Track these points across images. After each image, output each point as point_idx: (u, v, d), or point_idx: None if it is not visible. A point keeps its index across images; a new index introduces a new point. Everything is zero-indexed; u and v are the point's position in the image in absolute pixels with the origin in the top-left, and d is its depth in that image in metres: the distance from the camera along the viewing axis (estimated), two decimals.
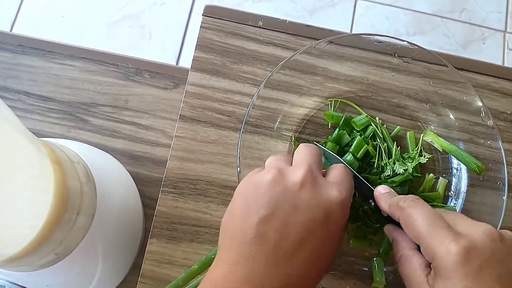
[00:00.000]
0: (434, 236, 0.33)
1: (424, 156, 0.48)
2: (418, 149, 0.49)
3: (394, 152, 0.48)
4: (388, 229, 0.40)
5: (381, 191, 0.40)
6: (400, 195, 0.38)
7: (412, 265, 0.35)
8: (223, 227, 0.36)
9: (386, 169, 0.47)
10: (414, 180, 0.48)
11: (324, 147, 0.47)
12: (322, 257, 0.34)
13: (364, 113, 0.51)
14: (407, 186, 0.47)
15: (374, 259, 0.46)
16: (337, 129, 0.50)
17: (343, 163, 0.43)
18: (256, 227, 0.33)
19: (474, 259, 0.31)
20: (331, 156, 0.46)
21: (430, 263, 0.34)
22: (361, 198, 0.45)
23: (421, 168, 0.49)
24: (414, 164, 0.47)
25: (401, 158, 0.48)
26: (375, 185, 0.42)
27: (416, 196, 0.37)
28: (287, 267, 0.32)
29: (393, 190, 0.40)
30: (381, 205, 0.39)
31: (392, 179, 0.46)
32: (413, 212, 0.35)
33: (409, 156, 0.48)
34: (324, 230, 0.34)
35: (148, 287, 0.47)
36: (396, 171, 0.47)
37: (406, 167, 0.47)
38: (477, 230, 0.33)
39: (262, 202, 0.34)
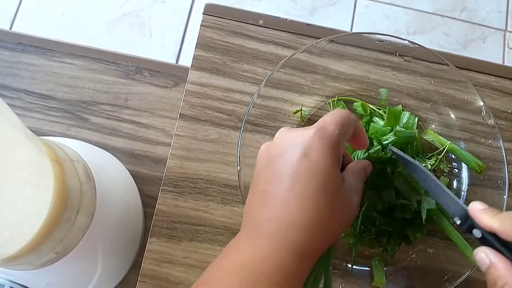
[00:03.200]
0: None
1: (444, 164, 0.49)
2: (442, 154, 0.49)
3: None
4: (485, 252, 0.33)
5: (479, 207, 0.34)
6: (509, 211, 0.34)
7: None
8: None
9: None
10: None
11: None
12: (321, 196, 0.33)
13: (368, 108, 0.51)
14: None
15: (374, 258, 0.46)
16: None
17: (422, 167, 0.39)
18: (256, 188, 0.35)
19: None
20: (407, 161, 0.41)
21: None
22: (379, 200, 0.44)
23: None
24: (433, 162, 0.47)
25: (420, 155, 0.48)
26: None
27: None
28: (295, 214, 0.32)
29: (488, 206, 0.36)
30: (484, 222, 0.33)
31: None
32: None
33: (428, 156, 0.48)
34: (305, 163, 0.33)
35: (148, 286, 0.47)
36: None
37: (425, 164, 0.47)
38: None
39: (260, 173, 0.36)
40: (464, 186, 0.50)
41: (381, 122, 0.49)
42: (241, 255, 0.32)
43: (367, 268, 0.47)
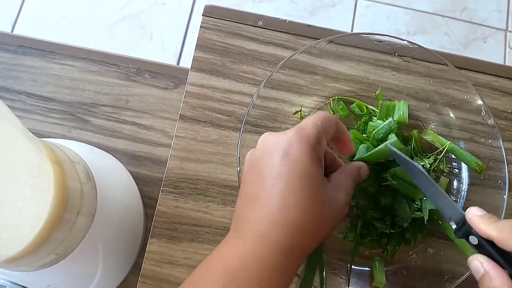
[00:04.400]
0: None
1: (444, 164, 0.49)
2: (442, 154, 0.49)
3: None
4: (479, 260, 0.32)
5: (476, 213, 0.34)
6: (508, 219, 0.32)
7: None
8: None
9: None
10: None
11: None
12: (303, 196, 0.33)
13: (365, 107, 0.51)
14: None
15: (375, 258, 0.46)
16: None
17: (422, 170, 0.39)
18: (239, 202, 0.36)
19: None
20: (406, 162, 0.40)
21: None
22: (372, 203, 0.44)
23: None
24: (431, 161, 0.47)
25: (419, 154, 0.48)
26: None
27: None
28: (278, 215, 0.33)
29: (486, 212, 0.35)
30: (481, 228, 0.33)
31: None
32: None
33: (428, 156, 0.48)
34: (287, 162, 0.34)
35: (149, 287, 0.47)
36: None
37: (424, 163, 0.47)
38: None
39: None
40: (464, 186, 0.50)
41: (380, 122, 0.49)
42: (223, 258, 0.33)
43: (367, 268, 0.47)
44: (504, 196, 0.46)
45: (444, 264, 0.46)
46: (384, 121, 0.47)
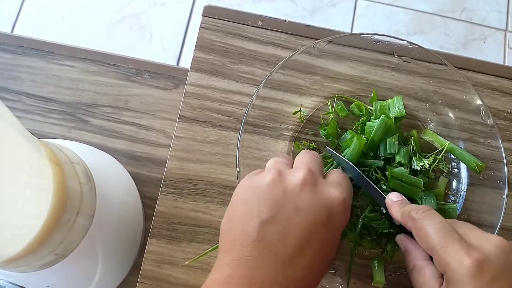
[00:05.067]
0: (446, 248, 0.33)
1: (444, 164, 0.49)
2: (441, 154, 0.49)
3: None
4: (400, 239, 0.40)
5: (393, 199, 0.39)
6: (412, 205, 0.38)
7: (425, 276, 0.35)
8: (223, 231, 0.35)
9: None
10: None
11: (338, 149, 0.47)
12: (323, 259, 0.34)
13: (364, 107, 0.51)
14: None
15: (374, 258, 0.46)
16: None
17: (352, 165, 0.43)
18: (257, 230, 0.33)
19: (486, 271, 0.32)
20: (340, 160, 0.44)
21: (443, 274, 0.34)
22: (371, 204, 0.45)
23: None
24: (430, 161, 0.47)
25: (418, 154, 0.48)
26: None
27: (428, 206, 0.37)
28: (289, 269, 0.32)
29: (404, 198, 0.40)
30: (393, 214, 0.39)
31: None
32: (425, 223, 0.35)
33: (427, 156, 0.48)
34: (325, 232, 0.34)
35: (148, 287, 0.47)
36: (413, 167, 0.47)
37: (423, 163, 0.47)
38: (489, 242, 0.33)
39: (263, 204, 0.34)
40: (464, 186, 0.50)
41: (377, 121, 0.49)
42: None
43: (366, 268, 0.47)
44: (503, 196, 0.46)
45: None
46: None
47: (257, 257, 0.32)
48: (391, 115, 0.48)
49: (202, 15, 0.56)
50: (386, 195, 0.40)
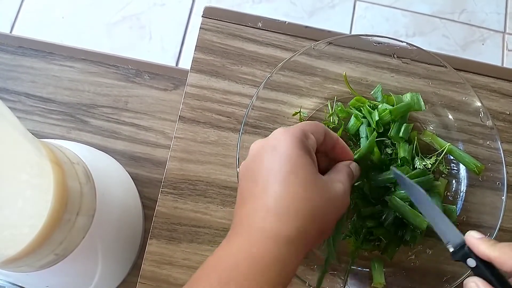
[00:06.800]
0: None
1: (444, 165, 0.49)
2: (441, 155, 0.49)
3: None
4: (474, 283, 0.33)
5: (476, 236, 0.35)
6: (508, 243, 0.34)
7: None
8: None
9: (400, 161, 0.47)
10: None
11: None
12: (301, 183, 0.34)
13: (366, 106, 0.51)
14: None
15: (373, 259, 0.46)
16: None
17: (421, 190, 0.39)
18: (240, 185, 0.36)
19: None
20: (408, 184, 0.40)
21: None
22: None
23: None
24: (433, 161, 0.47)
25: (420, 154, 0.48)
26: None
27: None
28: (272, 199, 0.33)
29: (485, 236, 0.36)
30: (481, 251, 0.34)
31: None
32: None
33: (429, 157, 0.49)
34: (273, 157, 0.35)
35: (148, 287, 0.47)
36: (416, 166, 0.47)
37: (425, 163, 0.47)
38: None
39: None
40: (463, 187, 0.50)
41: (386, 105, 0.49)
42: (219, 257, 0.33)
43: (366, 269, 0.47)
44: (503, 197, 0.46)
45: (443, 265, 0.47)
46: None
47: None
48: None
49: (202, 16, 0.57)
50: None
